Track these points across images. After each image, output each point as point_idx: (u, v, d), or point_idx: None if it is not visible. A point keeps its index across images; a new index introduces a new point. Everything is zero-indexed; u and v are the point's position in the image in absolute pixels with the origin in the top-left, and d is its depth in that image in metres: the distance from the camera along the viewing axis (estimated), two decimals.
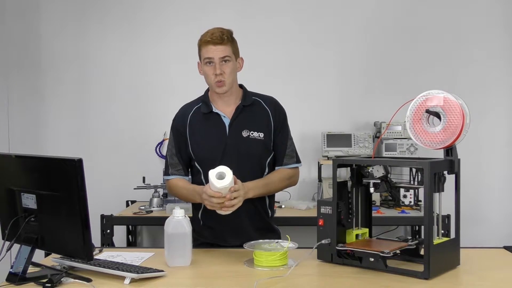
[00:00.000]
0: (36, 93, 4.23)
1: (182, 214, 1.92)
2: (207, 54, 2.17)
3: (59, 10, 4.21)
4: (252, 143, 2.22)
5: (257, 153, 2.24)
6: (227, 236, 2.23)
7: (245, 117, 2.25)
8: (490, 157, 4.09)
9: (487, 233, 3.97)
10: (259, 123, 2.25)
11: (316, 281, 1.80)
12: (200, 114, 2.28)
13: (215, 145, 2.22)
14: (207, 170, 2.13)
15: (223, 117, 2.25)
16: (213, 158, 2.19)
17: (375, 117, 4.03)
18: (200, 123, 2.27)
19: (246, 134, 2.23)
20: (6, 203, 1.84)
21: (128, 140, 4.20)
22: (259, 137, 2.23)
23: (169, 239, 1.91)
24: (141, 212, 3.60)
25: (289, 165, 2.31)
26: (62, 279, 1.70)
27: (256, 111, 2.28)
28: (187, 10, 4.15)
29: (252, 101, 2.28)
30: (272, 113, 2.28)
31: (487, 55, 4.09)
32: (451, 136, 1.79)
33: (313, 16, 4.14)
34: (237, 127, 2.23)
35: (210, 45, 2.16)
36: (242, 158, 2.20)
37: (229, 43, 2.19)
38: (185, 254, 1.92)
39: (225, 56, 2.17)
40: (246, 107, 2.26)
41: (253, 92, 2.34)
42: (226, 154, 2.21)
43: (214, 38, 2.15)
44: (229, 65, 2.19)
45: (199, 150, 2.26)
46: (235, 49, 2.23)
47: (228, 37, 2.18)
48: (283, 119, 2.33)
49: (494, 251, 2.12)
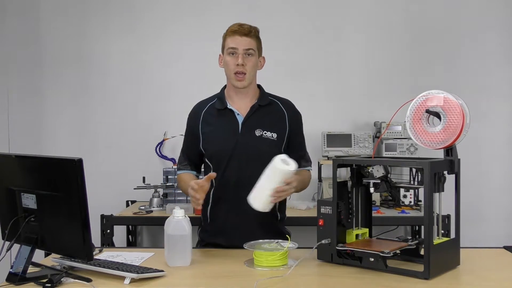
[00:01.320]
0: (36, 93, 4.23)
1: (182, 214, 1.92)
2: (232, 43, 2.19)
3: (59, 10, 4.21)
4: (264, 143, 2.22)
5: (268, 153, 2.15)
6: (234, 239, 2.16)
7: (260, 117, 2.25)
8: (490, 157, 4.09)
9: (487, 233, 3.97)
10: (274, 124, 2.26)
11: (316, 281, 1.80)
12: (214, 110, 2.28)
13: (226, 142, 2.22)
14: (216, 166, 2.19)
15: (237, 115, 2.25)
16: (223, 154, 2.21)
17: (375, 117, 4.03)
18: (214, 119, 2.27)
19: (259, 134, 2.23)
20: (6, 203, 1.84)
21: (128, 140, 4.20)
22: (272, 137, 2.23)
23: (169, 239, 1.91)
24: (141, 212, 3.60)
25: (307, 167, 2.35)
26: (62, 279, 1.70)
27: (272, 111, 2.28)
28: (187, 10, 4.15)
29: (268, 101, 2.29)
30: (288, 116, 2.30)
31: (487, 55, 4.09)
32: (451, 136, 1.79)
33: (313, 16, 4.14)
34: (251, 126, 2.23)
35: (237, 35, 2.18)
36: (252, 157, 2.19)
37: (255, 38, 2.22)
38: (185, 254, 1.92)
39: (250, 49, 2.19)
40: (262, 107, 2.27)
41: (270, 93, 2.35)
42: (236, 151, 2.20)
43: (242, 29, 2.18)
44: (252, 59, 2.20)
45: (209, 145, 2.26)
46: (259, 45, 2.25)
47: (255, 33, 2.22)
48: (299, 122, 2.36)
49: (494, 251, 2.12)
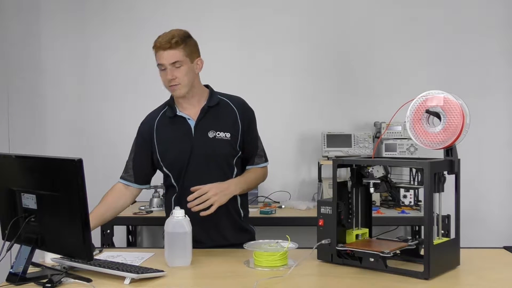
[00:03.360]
0: (36, 93, 4.23)
1: (182, 214, 1.92)
2: (158, 60, 2.18)
3: (59, 10, 4.21)
4: (219, 144, 2.24)
5: (224, 153, 2.24)
6: (201, 237, 2.17)
7: (211, 118, 2.26)
8: (490, 157, 4.09)
9: (487, 233, 3.97)
10: (226, 123, 2.26)
11: (316, 281, 1.80)
12: (166, 119, 2.30)
13: (182, 149, 2.24)
14: (175, 173, 2.25)
15: (188, 120, 2.26)
16: (181, 161, 2.24)
17: (375, 117, 4.03)
18: (167, 128, 2.29)
19: (212, 135, 2.24)
20: (6, 203, 1.84)
21: (128, 140, 4.17)
22: (226, 137, 2.25)
23: (169, 239, 1.91)
24: (141, 212, 3.60)
25: (260, 164, 2.36)
26: (62, 279, 1.70)
27: (222, 111, 2.29)
28: (187, 10, 4.15)
29: (218, 101, 2.29)
30: (239, 113, 2.29)
31: (487, 55, 4.09)
32: (451, 136, 1.79)
33: (312, 16, 4.14)
34: (203, 128, 2.25)
35: (160, 51, 2.16)
36: (209, 158, 2.23)
37: (180, 46, 2.15)
38: (185, 254, 1.92)
39: (175, 62, 2.15)
40: (211, 107, 2.27)
41: (220, 92, 2.34)
42: (193, 155, 2.23)
43: (163, 43, 2.15)
44: (181, 70, 2.17)
45: (166, 155, 2.28)
46: (189, 51, 2.19)
47: (178, 41, 2.15)
48: (251, 119, 2.34)
49: (494, 251, 2.12)
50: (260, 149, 2.37)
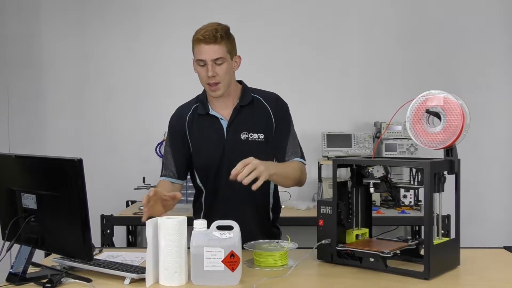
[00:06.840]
0: (36, 93, 4.23)
1: (205, 225, 1.70)
2: (199, 55, 2.03)
3: (59, 10, 4.21)
4: (252, 146, 2.12)
5: (257, 156, 1.96)
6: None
7: (244, 118, 2.15)
8: (490, 157, 4.09)
9: (487, 233, 3.97)
10: (259, 123, 2.15)
11: (316, 281, 1.80)
12: (197, 116, 2.18)
13: (213, 150, 2.14)
14: (203, 174, 2.17)
15: (221, 120, 2.16)
16: (212, 162, 2.15)
17: (375, 117, 4.03)
18: (198, 126, 2.18)
19: (245, 137, 2.13)
20: (6, 203, 1.84)
21: (128, 140, 4.20)
22: (259, 139, 2.14)
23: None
24: (141, 212, 3.57)
25: (294, 158, 2.19)
26: (62, 279, 1.70)
27: (255, 109, 2.17)
28: (187, 10, 4.15)
29: (250, 99, 2.17)
30: (272, 109, 2.17)
31: (487, 55, 4.09)
32: (451, 136, 1.79)
33: (313, 17, 4.14)
34: (236, 130, 2.14)
35: (202, 44, 2.01)
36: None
37: (223, 41, 2.03)
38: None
39: (218, 58, 2.03)
40: (244, 107, 2.16)
41: (253, 89, 2.23)
42: (224, 158, 2.13)
43: (207, 36, 2.00)
44: (223, 67, 2.04)
45: (197, 153, 2.19)
46: (230, 47, 2.08)
47: (223, 35, 2.03)
48: (284, 113, 2.20)
49: (494, 251, 2.12)
50: (295, 145, 2.20)
